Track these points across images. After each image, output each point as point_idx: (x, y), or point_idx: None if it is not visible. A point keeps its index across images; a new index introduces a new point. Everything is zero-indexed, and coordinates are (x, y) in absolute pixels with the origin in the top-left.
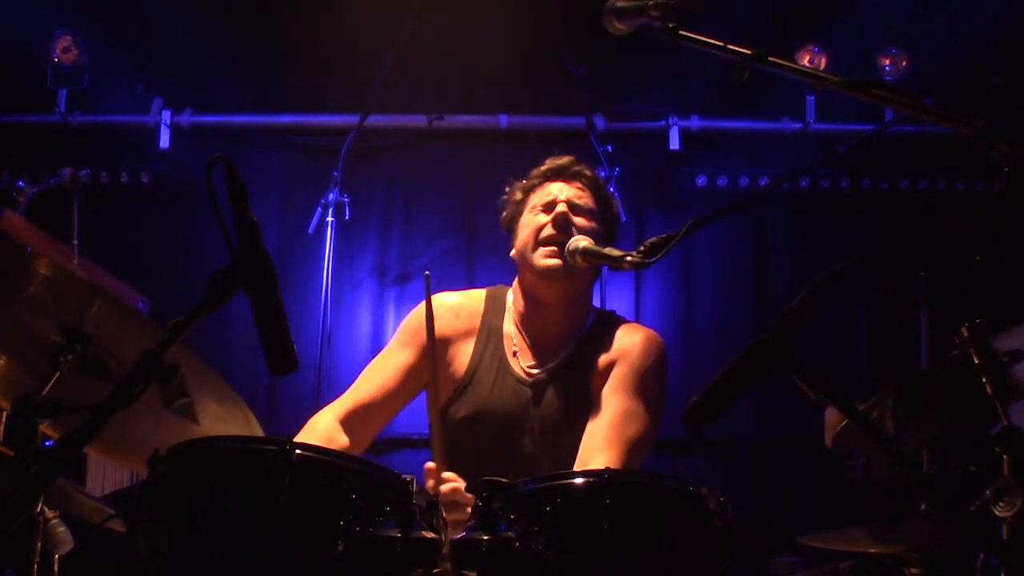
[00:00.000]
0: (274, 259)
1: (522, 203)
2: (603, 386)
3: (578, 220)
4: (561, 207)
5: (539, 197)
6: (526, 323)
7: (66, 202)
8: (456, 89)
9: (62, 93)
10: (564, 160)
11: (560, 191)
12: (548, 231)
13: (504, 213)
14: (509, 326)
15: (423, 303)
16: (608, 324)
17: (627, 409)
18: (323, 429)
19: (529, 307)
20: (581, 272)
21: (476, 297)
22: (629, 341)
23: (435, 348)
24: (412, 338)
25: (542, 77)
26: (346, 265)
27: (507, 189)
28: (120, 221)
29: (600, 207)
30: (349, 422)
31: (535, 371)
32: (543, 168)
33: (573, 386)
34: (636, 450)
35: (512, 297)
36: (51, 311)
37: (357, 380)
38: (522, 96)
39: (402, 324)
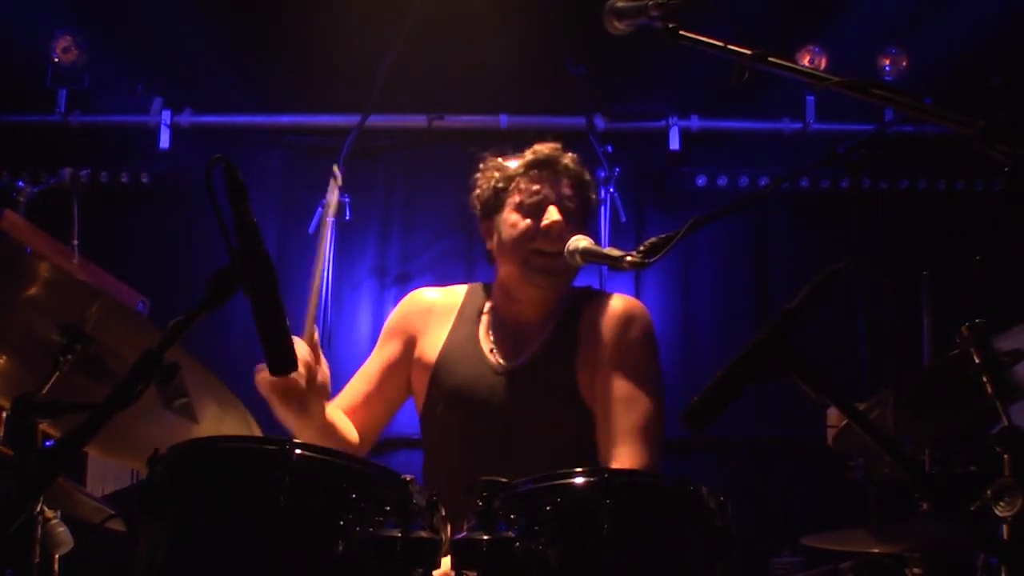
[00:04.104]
0: (274, 259)
1: (503, 192)
2: (587, 367)
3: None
4: (553, 213)
5: (524, 192)
6: (504, 314)
7: (66, 202)
8: (456, 89)
9: (62, 93)
10: (551, 149)
11: (550, 190)
12: (541, 243)
13: (477, 193)
14: (486, 317)
15: (402, 300)
16: (584, 299)
17: (627, 394)
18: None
19: (508, 300)
20: (571, 273)
21: (457, 292)
22: (607, 316)
23: (407, 339)
24: (391, 334)
25: (542, 77)
26: (346, 265)
27: (482, 166)
28: (120, 221)
29: (584, 205)
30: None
31: (513, 360)
32: (528, 157)
33: (555, 373)
34: (652, 434)
35: (492, 290)
36: (51, 311)
37: (349, 383)
38: (522, 96)
39: (385, 323)
